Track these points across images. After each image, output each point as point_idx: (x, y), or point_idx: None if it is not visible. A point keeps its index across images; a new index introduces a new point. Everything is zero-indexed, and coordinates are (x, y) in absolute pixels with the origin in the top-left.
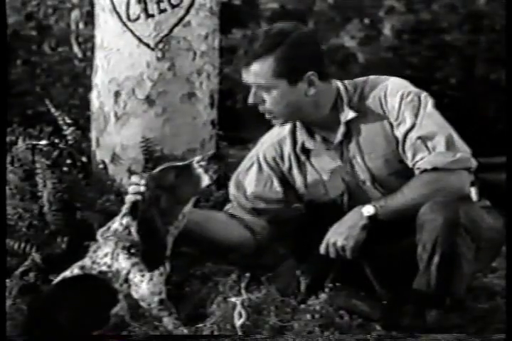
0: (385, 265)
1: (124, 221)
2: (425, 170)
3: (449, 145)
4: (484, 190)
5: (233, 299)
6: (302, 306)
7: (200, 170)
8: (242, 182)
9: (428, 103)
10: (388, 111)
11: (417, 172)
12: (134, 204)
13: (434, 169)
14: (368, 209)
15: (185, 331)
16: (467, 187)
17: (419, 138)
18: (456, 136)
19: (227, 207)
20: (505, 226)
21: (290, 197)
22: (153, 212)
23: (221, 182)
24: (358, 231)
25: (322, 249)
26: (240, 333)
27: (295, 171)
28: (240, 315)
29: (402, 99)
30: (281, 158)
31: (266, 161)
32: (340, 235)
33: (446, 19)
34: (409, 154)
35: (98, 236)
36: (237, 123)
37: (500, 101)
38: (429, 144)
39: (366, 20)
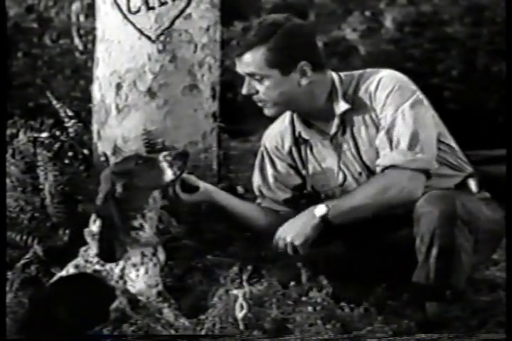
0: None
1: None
2: (385, 168)
3: (413, 144)
4: (484, 182)
5: (235, 291)
6: (304, 298)
7: (164, 164)
8: (266, 175)
9: (414, 100)
10: (375, 106)
11: (378, 169)
12: None
13: (393, 166)
14: (320, 210)
15: (187, 323)
16: (419, 189)
17: (387, 134)
18: (427, 137)
19: (259, 200)
20: (504, 218)
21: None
22: (110, 205)
23: (221, 174)
24: (309, 230)
25: (274, 241)
26: (241, 325)
27: (298, 161)
28: (242, 308)
29: (388, 95)
30: (283, 147)
31: (274, 152)
32: (290, 231)
33: (447, 11)
34: (378, 150)
35: (86, 236)
36: (239, 115)
37: (502, 94)
38: (394, 141)
39: (367, 13)
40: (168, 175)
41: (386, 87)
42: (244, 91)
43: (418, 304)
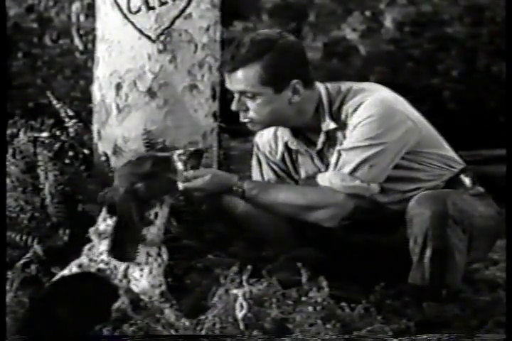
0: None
1: (109, 222)
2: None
3: (356, 170)
4: (484, 181)
5: (235, 291)
6: (304, 298)
7: (179, 163)
8: (263, 176)
9: (389, 129)
10: (348, 126)
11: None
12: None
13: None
14: (237, 191)
15: (187, 323)
16: (336, 220)
17: (339, 153)
18: (381, 164)
19: None
20: (499, 213)
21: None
22: (131, 204)
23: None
24: (211, 192)
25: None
26: (241, 325)
27: (290, 166)
28: (242, 307)
29: (359, 122)
30: (276, 153)
31: (267, 156)
32: (204, 183)
33: (447, 11)
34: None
35: (91, 235)
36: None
37: (502, 94)
38: (339, 164)
39: (367, 13)
40: (181, 174)
41: (362, 115)
42: (233, 107)
43: (416, 304)
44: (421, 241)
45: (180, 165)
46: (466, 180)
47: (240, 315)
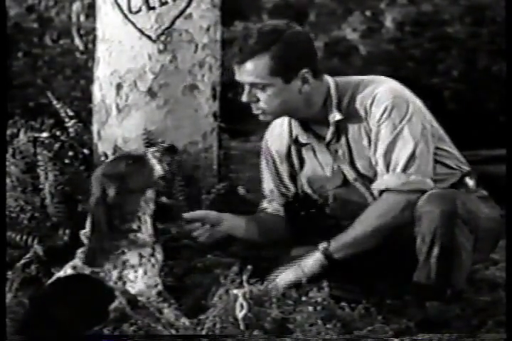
0: None
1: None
2: (381, 191)
3: (408, 166)
4: (484, 181)
5: (235, 291)
6: (304, 298)
7: (154, 161)
8: (275, 178)
9: (410, 116)
10: (370, 121)
11: (374, 192)
12: None
13: (388, 190)
14: (321, 244)
15: (187, 323)
16: (407, 211)
17: (385, 155)
18: (424, 155)
19: (265, 204)
20: (502, 216)
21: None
22: (100, 209)
23: (222, 174)
24: (310, 267)
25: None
26: (241, 325)
27: (296, 162)
28: (242, 307)
29: (384, 112)
30: (283, 149)
31: (278, 155)
32: (289, 272)
33: (447, 11)
34: (377, 168)
35: (82, 238)
36: (239, 115)
37: (502, 94)
38: (392, 164)
39: (368, 13)
40: (158, 171)
41: (382, 103)
42: (244, 99)
43: (419, 304)
44: (429, 239)
45: (155, 163)
46: (470, 183)
47: (240, 315)
